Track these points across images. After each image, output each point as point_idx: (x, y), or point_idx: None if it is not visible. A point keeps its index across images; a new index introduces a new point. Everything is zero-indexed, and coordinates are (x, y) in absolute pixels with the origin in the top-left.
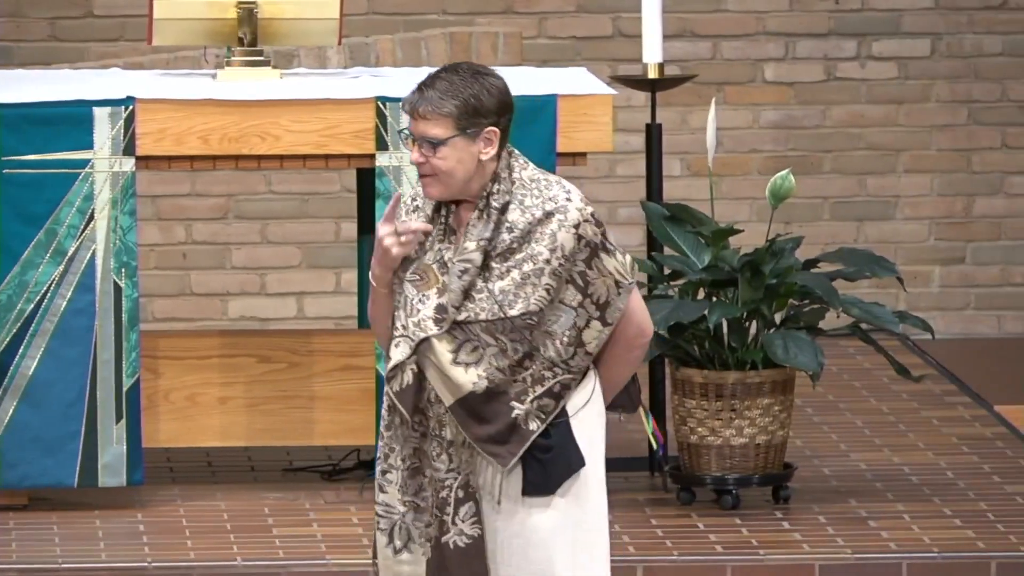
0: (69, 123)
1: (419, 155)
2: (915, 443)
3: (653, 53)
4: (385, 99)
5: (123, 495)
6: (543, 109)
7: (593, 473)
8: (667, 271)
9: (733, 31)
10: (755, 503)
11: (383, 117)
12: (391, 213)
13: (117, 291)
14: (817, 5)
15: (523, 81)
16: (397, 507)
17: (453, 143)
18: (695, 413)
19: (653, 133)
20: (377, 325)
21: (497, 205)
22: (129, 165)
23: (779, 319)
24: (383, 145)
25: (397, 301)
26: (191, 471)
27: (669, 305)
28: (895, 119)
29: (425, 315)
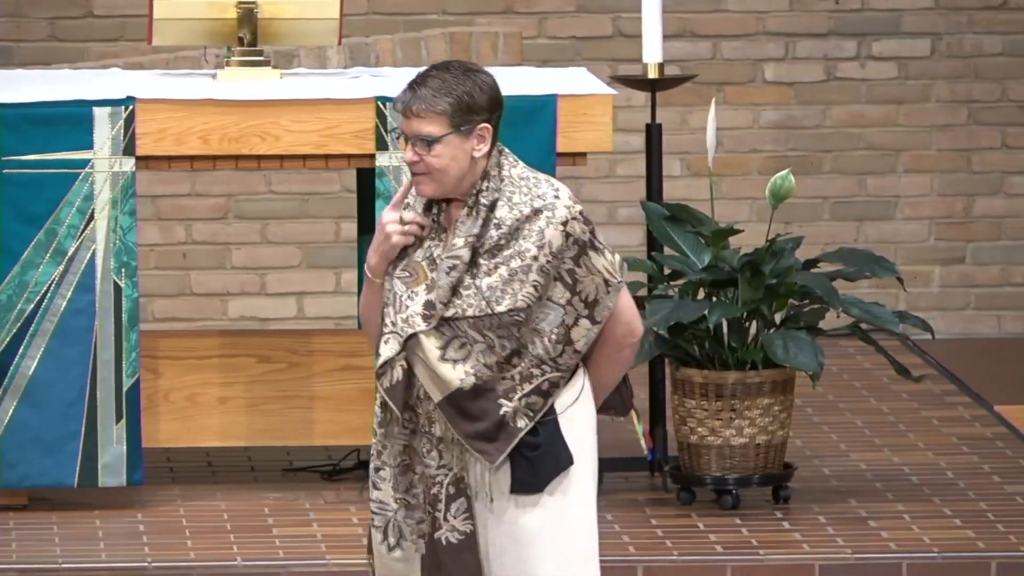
0: (69, 123)
1: (413, 154)
2: (915, 443)
3: (653, 53)
4: (385, 99)
5: (123, 495)
6: (543, 109)
7: (582, 471)
8: (667, 271)
9: (733, 31)
10: (755, 503)
11: (383, 117)
12: (400, 200)
13: (117, 291)
14: (817, 5)
15: (523, 81)
16: (391, 504)
17: (447, 141)
18: (695, 413)
19: (653, 133)
20: (368, 322)
21: (486, 202)
22: (129, 165)
23: (779, 319)
24: (383, 145)
25: (386, 298)
26: (191, 471)
27: (669, 305)
28: (895, 119)
29: (413, 311)
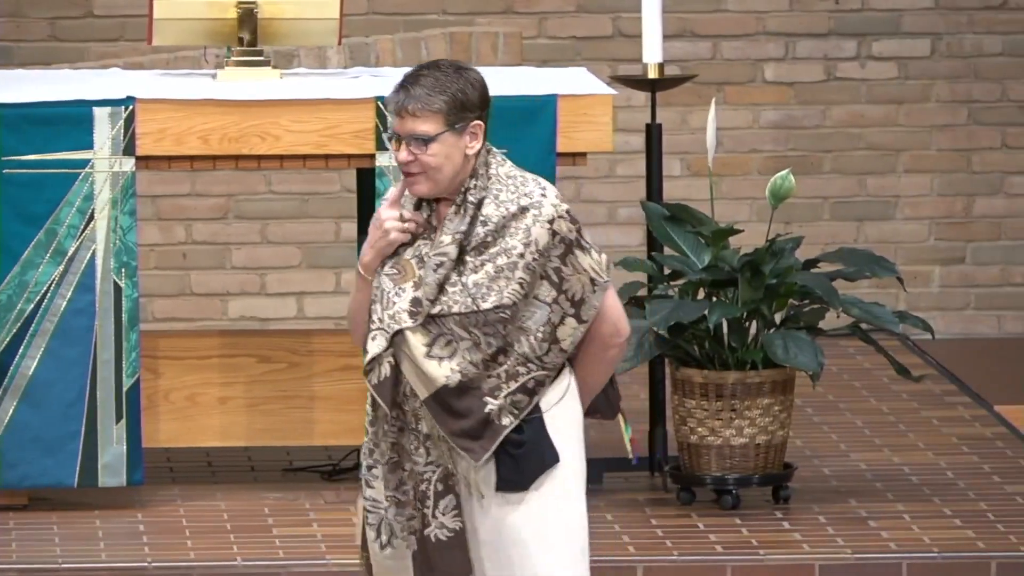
0: (69, 123)
1: (407, 153)
2: (915, 443)
3: (653, 53)
4: (385, 99)
5: (123, 495)
6: (543, 109)
7: (569, 469)
8: (667, 271)
9: (733, 31)
10: (755, 503)
11: (383, 117)
12: (398, 197)
13: (117, 291)
14: (817, 5)
15: (523, 81)
16: (383, 502)
17: (443, 139)
18: (695, 413)
19: (653, 133)
20: (355, 320)
21: (474, 200)
22: (129, 165)
23: (779, 319)
24: (383, 145)
25: (374, 295)
26: (191, 471)
27: (669, 305)
28: (895, 119)
29: (400, 308)
